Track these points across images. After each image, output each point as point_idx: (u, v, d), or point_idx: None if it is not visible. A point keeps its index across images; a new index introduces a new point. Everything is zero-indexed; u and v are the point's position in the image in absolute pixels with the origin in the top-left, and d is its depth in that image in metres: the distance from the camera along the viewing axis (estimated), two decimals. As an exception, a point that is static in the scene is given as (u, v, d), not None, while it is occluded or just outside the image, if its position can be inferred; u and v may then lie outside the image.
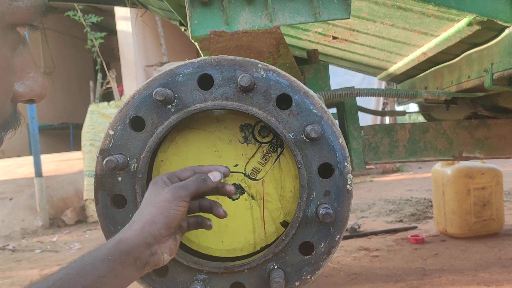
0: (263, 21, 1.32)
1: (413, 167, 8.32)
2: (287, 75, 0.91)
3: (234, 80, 0.89)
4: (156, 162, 0.99)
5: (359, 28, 1.94)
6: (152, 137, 0.90)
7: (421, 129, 2.05)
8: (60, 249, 4.29)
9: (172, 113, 0.90)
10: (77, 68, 11.25)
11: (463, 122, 2.06)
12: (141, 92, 0.90)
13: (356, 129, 2.03)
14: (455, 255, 2.89)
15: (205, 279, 0.94)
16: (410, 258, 2.89)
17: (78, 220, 5.74)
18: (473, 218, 3.15)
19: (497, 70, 1.50)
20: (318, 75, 1.95)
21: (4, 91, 0.46)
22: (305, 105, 0.90)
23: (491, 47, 1.59)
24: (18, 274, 3.54)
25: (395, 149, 2.03)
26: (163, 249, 0.70)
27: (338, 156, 0.91)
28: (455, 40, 1.73)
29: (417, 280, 2.48)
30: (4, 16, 0.43)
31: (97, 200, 0.91)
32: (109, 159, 0.86)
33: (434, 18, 1.62)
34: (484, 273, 2.52)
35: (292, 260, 0.93)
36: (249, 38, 1.39)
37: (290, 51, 1.60)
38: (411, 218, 4.14)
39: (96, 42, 6.18)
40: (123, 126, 0.90)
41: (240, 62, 0.90)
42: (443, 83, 2.05)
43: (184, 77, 0.90)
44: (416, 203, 4.87)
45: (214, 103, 0.90)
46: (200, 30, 1.34)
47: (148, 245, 0.67)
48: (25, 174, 6.58)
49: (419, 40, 1.96)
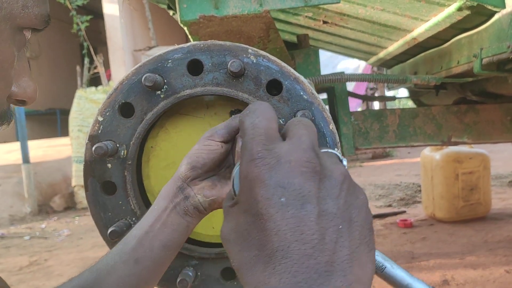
0: (253, 5, 1.31)
1: (403, 152, 8.39)
2: (277, 61, 0.90)
3: (224, 65, 0.88)
4: (146, 148, 0.98)
5: (349, 12, 1.93)
6: (142, 123, 0.89)
7: (411, 115, 2.06)
8: (49, 236, 4.28)
9: (161, 99, 0.89)
10: (63, 53, 11.09)
11: (452, 107, 2.07)
12: (129, 78, 0.88)
13: (346, 115, 2.03)
14: (443, 239, 2.93)
15: (196, 264, 0.94)
16: (399, 242, 2.93)
17: (67, 206, 5.71)
18: (461, 202, 3.20)
19: (486, 55, 1.51)
20: (308, 60, 1.94)
21: (6, 85, 0.51)
22: (295, 91, 0.90)
23: (480, 32, 1.59)
24: (7, 260, 3.52)
25: (385, 134, 2.04)
26: (196, 191, 0.69)
27: (328, 142, 0.91)
28: (445, 25, 1.73)
29: (405, 264, 2.52)
30: (16, 19, 0.49)
31: (86, 186, 0.90)
32: (99, 145, 0.85)
33: (425, 2, 1.61)
34: (471, 256, 2.56)
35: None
36: (238, 22, 1.38)
37: (280, 36, 1.59)
38: (400, 203, 4.18)
39: (82, 26, 6.09)
40: (112, 112, 0.89)
41: (230, 47, 0.89)
42: (433, 69, 2.06)
43: (174, 63, 0.89)
44: (405, 188, 4.92)
45: (204, 88, 0.89)
46: (189, 14, 1.33)
47: (180, 189, 0.70)
48: (12, 160, 6.52)
49: (409, 25, 1.96)
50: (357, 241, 0.36)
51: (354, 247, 0.35)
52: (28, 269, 3.26)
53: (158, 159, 0.98)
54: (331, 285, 0.33)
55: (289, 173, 0.36)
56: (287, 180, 0.35)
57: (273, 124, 0.40)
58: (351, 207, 0.37)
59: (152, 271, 0.67)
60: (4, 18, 0.47)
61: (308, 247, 0.34)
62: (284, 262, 0.34)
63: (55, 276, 3.04)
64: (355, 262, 0.35)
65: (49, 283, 2.90)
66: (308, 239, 0.34)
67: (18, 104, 0.55)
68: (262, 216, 0.35)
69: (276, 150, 0.37)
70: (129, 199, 0.91)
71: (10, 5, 0.48)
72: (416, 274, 2.36)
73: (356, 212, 0.37)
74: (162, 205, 0.68)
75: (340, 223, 0.35)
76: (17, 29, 0.50)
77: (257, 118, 0.40)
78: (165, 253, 0.67)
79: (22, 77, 0.53)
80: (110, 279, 0.65)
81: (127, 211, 0.92)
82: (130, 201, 0.91)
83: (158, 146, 0.98)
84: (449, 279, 2.28)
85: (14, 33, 0.50)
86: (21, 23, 0.50)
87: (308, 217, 0.34)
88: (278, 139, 0.39)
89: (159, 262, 0.68)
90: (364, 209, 0.38)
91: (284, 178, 0.35)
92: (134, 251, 0.66)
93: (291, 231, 0.34)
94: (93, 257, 3.37)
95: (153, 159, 0.98)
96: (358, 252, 0.35)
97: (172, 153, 0.98)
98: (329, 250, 0.34)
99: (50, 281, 2.93)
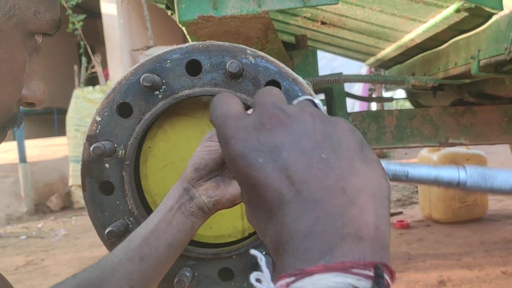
0: (251, 5, 1.31)
1: (400, 153, 8.40)
2: (276, 62, 0.91)
3: (222, 66, 0.88)
4: (144, 148, 0.98)
5: (347, 13, 1.94)
6: (140, 124, 0.89)
7: (408, 116, 2.06)
8: (46, 236, 4.27)
9: (159, 99, 0.89)
10: (61, 52, 11.05)
11: (449, 108, 2.08)
12: (128, 78, 0.89)
13: (344, 115, 2.03)
14: (439, 240, 2.94)
15: (193, 265, 0.94)
16: (396, 243, 2.93)
17: (63, 206, 5.70)
18: (458, 203, 3.20)
19: (483, 56, 1.51)
20: (307, 61, 1.94)
21: (17, 89, 0.52)
22: (293, 91, 0.90)
23: (478, 34, 1.59)
24: (4, 260, 3.51)
25: (383, 136, 2.04)
26: (200, 192, 0.71)
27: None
28: (443, 27, 1.73)
29: (402, 265, 2.52)
30: (28, 25, 0.50)
31: (84, 186, 0.90)
32: (96, 145, 0.85)
33: (423, 4, 1.62)
34: (467, 257, 2.56)
35: (280, 246, 0.93)
36: (237, 23, 1.38)
37: (279, 37, 1.59)
38: (397, 204, 4.19)
39: (78, 25, 6.07)
40: (110, 113, 0.89)
41: (228, 48, 0.89)
42: (431, 70, 2.06)
43: (172, 63, 0.89)
44: (402, 189, 4.92)
45: (203, 89, 0.90)
46: (188, 15, 1.33)
47: (185, 190, 0.71)
48: (9, 159, 6.50)
49: (407, 26, 1.96)
50: (346, 161, 0.36)
51: (344, 165, 0.35)
52: (24, 268, 3.25)
53: (156, 159, 0.98)
54: (332, 204, 0.33)
55: (258, 136, 0.37)
56: (258, 143, 0.37)
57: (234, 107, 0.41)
58: (330, 136, 0.37)
59: (156, 269, 0.69)
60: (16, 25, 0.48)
61: (297, 185, 0.35)
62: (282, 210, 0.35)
63: (51, 276, 3.03)
64: (351, 176, 0.35)
65: (45, 282, 2.89)
66: (295, 179, 0.35)
67: (27, 106, 0.56)
68: (251, 184, 0.37)
69: (243, 124, 0.38)
70: (127, 199, 0.91)
71: (22, 11, 0.49)
72: (413, 275, 2.37)
73: (337, 137, 0.37)
74: (168, 205, 0.70)
75: (322, 152, 0.36)
76: (29, 34, 0.51)
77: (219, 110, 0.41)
78: (169, 252, 0.69)
79: (32, 79, 0.54)
80: (114, 276, 0.67)
81: (125, 211, 0.92)
82: (127, 201, 0.91)
83: (156, 147, 0.98)
84: (446, 280, 2.29)
85: (26, 39, 0.51)
86: (33, 29, 0.51)
87: (287, 162, 0.35)
88: (244, 116, 0.40)
89: (163, 260, 0.70)
90: (346, 132, 0.38)
91: (255, 143, 0.37)
92: (140, 249, 0.68)
93: (278, 181, 0.35)
94: (90, 257, 3.36)
95: (151, 160, 0.98)
96: (351, 166, 0.36)
97: (170, 153, 0.98)
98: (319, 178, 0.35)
99: (46, 281, 2.92)
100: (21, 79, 0.51)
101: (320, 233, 0.33)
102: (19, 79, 0.51)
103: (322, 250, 0.32)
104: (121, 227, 0.89)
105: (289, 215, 0.34)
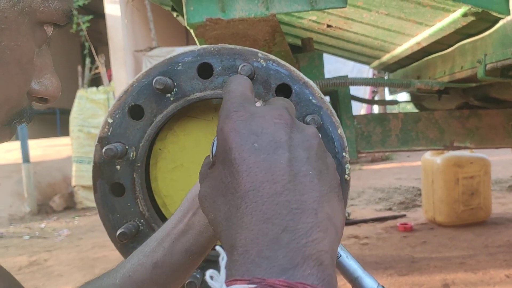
0: (259, 8, 1.32)
1: (402, 156, 8.39)
2: (287, 65, 0.91)
3: (234, 69, 0.89)
4: (154, 150, 0.98)
5: (354, 16, 1.94)
6: (151, 126, 0.90)
7: (413, 119, 2.06)
8: (49, 236, 4.27)
9: (171, 102, 0.90)
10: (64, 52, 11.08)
11: (454, 112, 2.08)
12: (140, 80, 0.89)
13: (349, 118, 2.03)
14: (443, 243, 2.94)
15: (204, 267, 0.94)
16: (399, 246, 2.93)
17: (66, 206, 5.71)
18: (461, 207, 3.20)
19: (490, 61, 1.51)
20: (313, 64, 1.94)
21: (24, 81, 0.49)
22: (304, 95, 0.91)
23: (484, 38, 1.59)
24: (6, 260, 3.52)
25: (388, 138, 2.04)
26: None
27: (336, 146, 0.92)
28: (449, 31, 1.74)
29: (406, 268, 2.52)
30: (36, 13, 0.47)
31: (95, 188, 0.91)
32: (108, 147, 0.85)
33: (430, 8, 1.62)
34: (471, 261, 2.56)
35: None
36: (245, 25, 1.39)
37: (286, 39, 1.60)
38: (400, 206, 4.19)
39: (84, 26, 6.08)
40: (121, 115, 0.90)
41: (240, 51, 0.90)
42: (436, 73, 2.06)
43: (184, 66, 0.89)
44: (405, 192, 4.92)
45: (214, 92, 0.90)
46: (196, 17, 1.33)
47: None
48: (12, 159, 6.51)
49: (413, 30, 1.97)
50: (327, 188, 0.36)
51: (324, 192, 0.36)
52: (27, 269, 3.26)
53: (166, 161, 0.99)
54: (301, 221, 0.33)
55: (262, 123, 0.37)
56: (260, 129, 0.37)
57: (248, 89, 0.42)
58: (321, 160, 0.38)
59: (170, 277, 0.62)
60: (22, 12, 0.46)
61: (278, 186, 0.35)
62: (255, 201, 0.34)
63: (54, 276, 3.04)
64: (326, 204, 0.35)
65: (48, 283, 2.90)
66: (279, 179, 0.35)
67: (40, 102, 0.54)
68: (235, 161, 0.36)
69: (251, 108, 0.39)
70: (138, 201, 0.92)
71: None
72: (417, 278, 2.37)
73: (325, 166, 0.38)
74: (186, 207, 0.63)
75: (311, 169, 0.36)
76: (37, 24, 0.48)
77: (233, 86, 0.42)
78: (186, 258, 0.61)
79: (44, 74, 0.51)
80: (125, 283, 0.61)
81: (136, 213, 0.92)
82: (138, 203, 0.92)
83: (166, 149, 0.98)
84: (450, 283, 2.29)
85: (34, 28, 0.48)
86: (41, 18, 0.48)
87: (279, 160, 0.36)
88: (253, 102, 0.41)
89: (180, 268, 0.62)
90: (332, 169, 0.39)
91: (257, 128, 0.37)
92: (153, 254, 0.61)
93: (263, 172, 0.35)
94: (93, 257, 3.36)
95: (161, 161, 0.98)
96: (329, 197, 0.36)
97: (180, 155, 0.99)
98: (299, 191, 0.35)
99: (49, 281, 2.92)
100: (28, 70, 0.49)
101: (284, 245, 0.33)
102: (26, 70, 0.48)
103: (285, 264, 0.32)
104: (132, 228, 0.89)
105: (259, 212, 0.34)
